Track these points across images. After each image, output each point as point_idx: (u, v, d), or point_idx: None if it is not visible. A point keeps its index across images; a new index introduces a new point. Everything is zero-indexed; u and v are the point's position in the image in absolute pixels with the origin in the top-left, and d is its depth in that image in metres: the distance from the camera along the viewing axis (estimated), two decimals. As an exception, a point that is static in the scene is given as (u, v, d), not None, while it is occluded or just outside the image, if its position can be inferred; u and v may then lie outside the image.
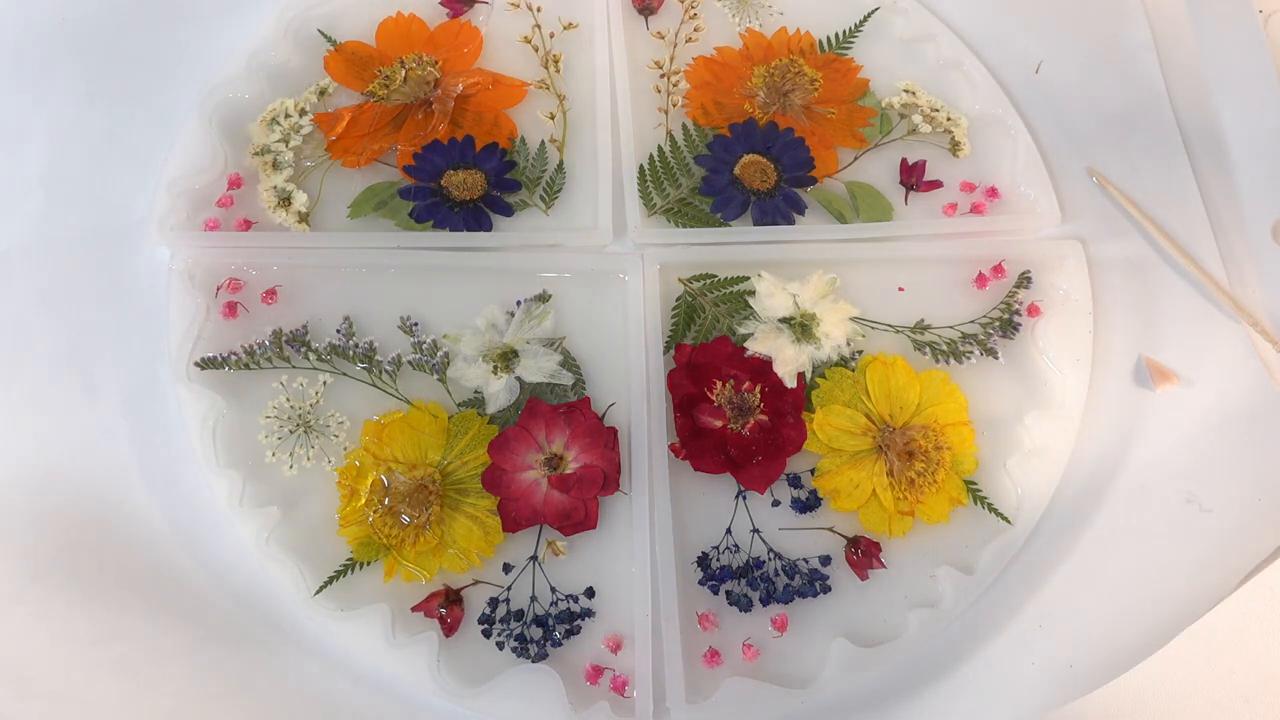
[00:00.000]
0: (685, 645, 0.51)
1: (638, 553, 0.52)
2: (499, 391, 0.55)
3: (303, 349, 0.55)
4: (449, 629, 0.51)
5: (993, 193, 0.61)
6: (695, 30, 0.66)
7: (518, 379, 0.56)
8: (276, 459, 0.54)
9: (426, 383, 0.56)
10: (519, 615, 0.51)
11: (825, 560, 0.53)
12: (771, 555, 0.53)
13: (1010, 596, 0.53)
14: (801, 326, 0.57)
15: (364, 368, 0.56)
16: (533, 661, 0.51)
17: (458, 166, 0.61)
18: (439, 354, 0.56)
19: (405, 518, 0.52)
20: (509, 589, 0.52)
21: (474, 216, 0.59)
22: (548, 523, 0.53)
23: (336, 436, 0.54)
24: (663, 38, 0.66)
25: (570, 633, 0.51)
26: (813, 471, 0.54)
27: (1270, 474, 0.55)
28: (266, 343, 0.55)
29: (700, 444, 0.54)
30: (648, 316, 0.56)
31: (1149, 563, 0.53)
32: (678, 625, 0.51)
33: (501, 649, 0.51)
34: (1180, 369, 0.57)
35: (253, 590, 0.52)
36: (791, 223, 0.60)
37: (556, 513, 0.53)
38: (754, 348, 0.56)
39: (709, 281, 0.59)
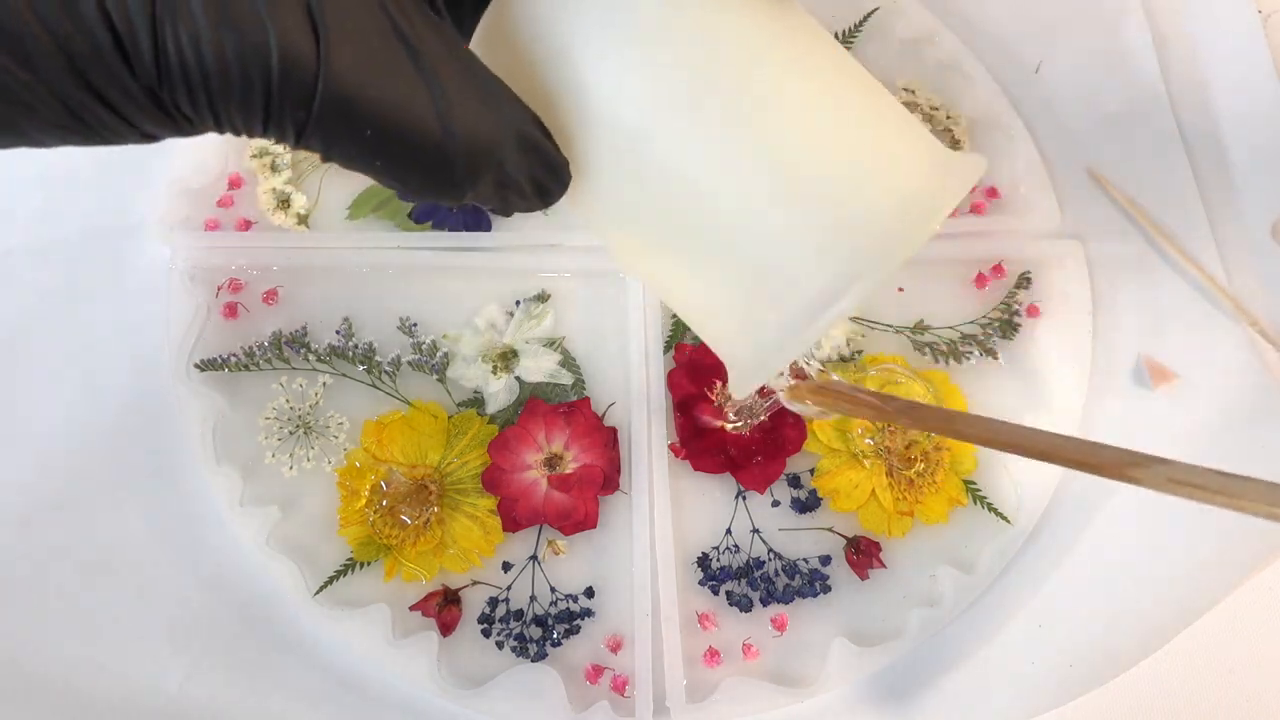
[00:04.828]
0: (685, 645, 0.50)
1: (638, 553, 0.52)
2: (499, 391, 0.55)
3: (302, 350, 0.55)
4: (445, 629, 0.51)
5: (992, 193, 0.61)
6: (695, 30, 0.66)
7: (517, 379, 0.56)
8: (276, 460, 0.54)
9: (426, 383, 0.56)
10: (519, 615, 0.51)
11: (825, 560, 0.53)
12: (771, 555, 0.53)
13: (1010, 596, 0.53)
14: (801, 326, 0.57)
15: (364, 369, 0.56)
16: (532, 661, 0.51)
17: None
18: (439, 354, 0.56)
19: (405, 518, 0.52)
20: (508, 589, 0.52)
21: (473, 217, 0.59)
22: (548, 522, 0.53)
23: (336, 437, 0.54)
24: (662, 38, 0.66)
25: (570, 632, 0.51)
26: (813, 471, 0.54)
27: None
28: (266, 344, 0.55)
29: (700, 444, 0.54)
30: (648, 316, 0.56)
31: (1149, 563, 0.53)
32: (678, 625, 0.51)
33: (501, 649, 0.51)
34: (1180, 369, 0.57)
35: (253, 590, 0.52)
36: (791, 223, 0.60)
37: (556, 512, 0.53)
38: (754, 348, 0.56)
39: (709, 281, 0.58)
